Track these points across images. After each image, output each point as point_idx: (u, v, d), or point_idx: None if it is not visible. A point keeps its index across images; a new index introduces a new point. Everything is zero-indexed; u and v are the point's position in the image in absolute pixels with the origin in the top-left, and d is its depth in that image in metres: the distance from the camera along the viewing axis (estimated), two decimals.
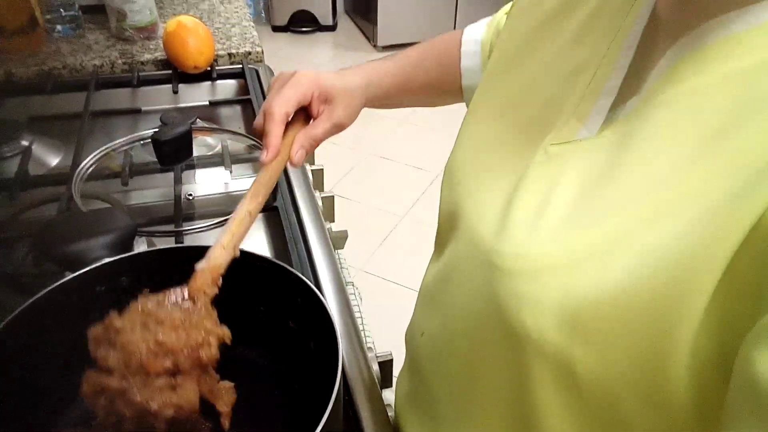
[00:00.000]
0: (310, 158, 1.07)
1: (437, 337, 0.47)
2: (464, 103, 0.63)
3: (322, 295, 0.48)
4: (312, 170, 0.98)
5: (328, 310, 0.45)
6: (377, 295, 1.84)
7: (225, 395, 0.44)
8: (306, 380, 0.52)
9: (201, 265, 0.43)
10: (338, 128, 0.54)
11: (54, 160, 0.90)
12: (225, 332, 0.42)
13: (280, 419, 0.49)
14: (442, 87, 0.63)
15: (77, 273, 0.50)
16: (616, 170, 0.34)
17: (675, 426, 0.31)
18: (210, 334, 0.40)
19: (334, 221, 0.97)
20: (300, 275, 0.48)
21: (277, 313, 0.52)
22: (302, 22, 3.38)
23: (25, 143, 0.88)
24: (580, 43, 0.41)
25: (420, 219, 2.20)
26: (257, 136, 0.51)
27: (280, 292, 0.51)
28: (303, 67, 0.54)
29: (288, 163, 0.50)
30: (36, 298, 0.48)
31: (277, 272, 0.50)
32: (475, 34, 0.61)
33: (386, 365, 0.68)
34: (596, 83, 0.38)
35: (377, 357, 0.67)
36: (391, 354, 0.69)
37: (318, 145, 0.53)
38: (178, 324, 0.40)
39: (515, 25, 0.49)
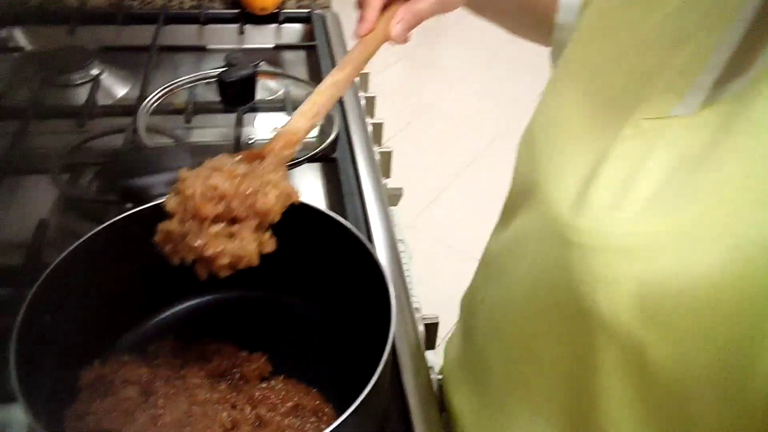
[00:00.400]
0: (370, 110, 1.05)
1: (498, 305, 0.47)
2: (549, 48, 0.58)
3: (375, 252, 0.47)
4: (372, 123, 0.97)
5: (384, 272, 0.44)
6: (422, 254, 1.83)
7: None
8: (354, 335, 0.52)
9: (278, 128, 0.43)
10: (445, 6, 0.48)
11: (121, 91, 0.92)
12: (291, 190, 0.41)
13: (325, 370, 0.49)
14: (535, 13, 0.57)
15: (142, 207, 0.51)
16: (715, 152, 0.32)
17: (749, 428, 0.29)
18: (269, 184, 0.40)
19: (389, 177, 0.96)
20: (356, 232, 0.48)
21: (331, 267, 0.52)
22: None
23: (94, 72, 0.89)
24: (685, 11, 0.38)
25: (471, 181, 2.16)
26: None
27: (334, 247, 0.51)
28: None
29: (388, 41, 0.47)
30: (100, 228, 0.49)
31: (333, 226, 0.50)
32: None
33: (432, 328, 0.68)
34: (699, 57, 0.35)
35: (423, 319, 0.67)
36: (437, 317, 0.68)
37: (420, 22, 0.48)
38: (238, 173, 0.40)
39: None
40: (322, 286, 0.53)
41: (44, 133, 0.78)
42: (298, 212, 0.47)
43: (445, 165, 2.19)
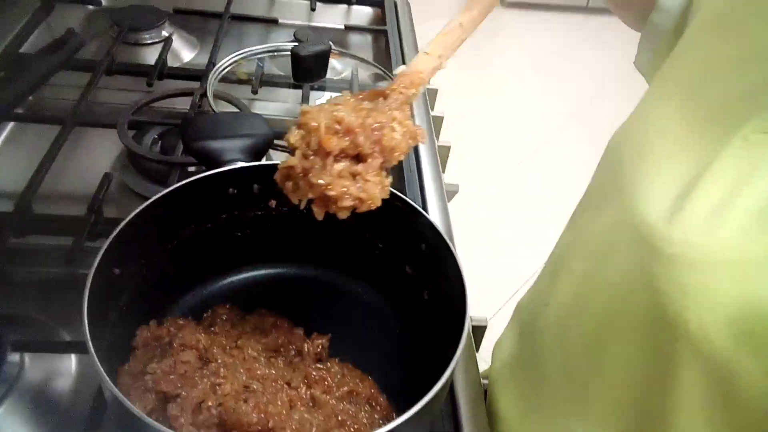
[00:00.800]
0: (431, 102, 1.03)
1: (565, 310, 0.45)
2: (642, 34, 0.53)
3: (452, 246, 0.45)
4: (433, 116, 0.95)
5: (460, 265, 0.43)
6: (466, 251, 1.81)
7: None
8: (411, 327, 0.50)
9: (401, 68, 0.41)
10: None
11: (188, 56, 0.92)
12: (418, 129, 0.39)
13: (381, 359, 0.48)
14: None
15: (213, 172, 0.50)
16: None
17: None
18: (395, 121, 0.38)
19: (445, 172, 0.94)
20: (432, 221, 0.46)
21: (395, 254, 0.51)
22: None
23: (165, 33, 0.89)
24: None
25: (515, 187, 2.12)
26: None
27: (403, 234, 0.49)
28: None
29: None
30: (172, 189, 0.49)
31: (406, 212, 0.48)
32: None
33: (479, 330, 0.66)
34: None
35: (472, 320, 0.65)
36: (486, 321, 0.67)
37: None
38: (363, 109, 0.38)
39: None
40: (385, 272, 0.52)
41: (113, 89, 0.78)
42: None
43: (497, 163, 2.16)
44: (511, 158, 2.22)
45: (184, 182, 0.49)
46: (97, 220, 0.58)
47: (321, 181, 0.36)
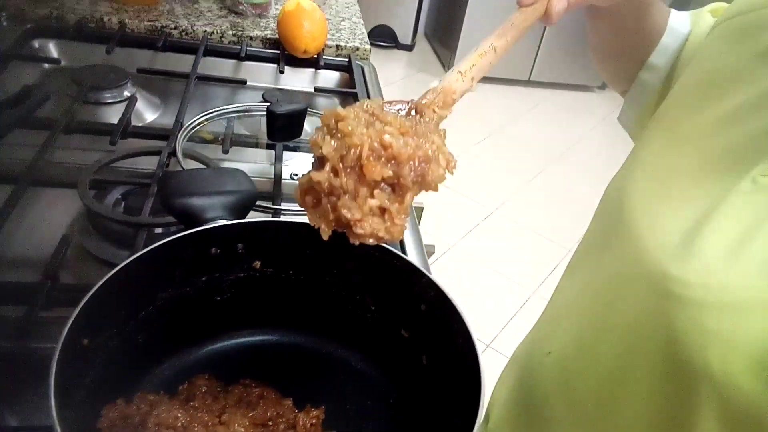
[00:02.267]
0: None
1: (570, 358, 0.44)
2: (629, 92, 0.55)
3: (456, 303, 0.43)
4: None
5: (468, 325, 0.40)
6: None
7: None
8: (408, 395, 0.47)
9: (433, 85, 0.37)
10: None
11: (151, 116, 0.89)
12: (453, 161, 0.34)
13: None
14: (633, 46, 0.53)
15: (197, 230, 0.47)
16: None
17: None
18: (440, 151, 0.33)
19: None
20: (434, 280, 0.44)
21: (390, 316, 0.48)
22: (382, 37, 3.39)
23: (128, 93, 0.86)
24: None
25: (469, 252, 2.14)
26: None
27: (399, 294, 0.47)
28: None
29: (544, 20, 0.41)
30: (154, 247, 0.45)
31: (404, 272, 0.46)
32: (682, 18, 0.53)
33: None
34: None
35: None
36: None
37: (581, 6, 0.43)
38: (407, 130, 0.32)
39: (717, 46, 0.44)
40: (378, 337, 0.48)
41: (72, 148, 0.74)
42: (364, 254, 0.43)
43: (442, 236, 2.18)
44: (465, 226, 2.25)
45: (163, 242, 0.45)
46: (53, 286, 0.52)
47: (349, 215, 0.31)
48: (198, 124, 0.77)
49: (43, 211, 0.66)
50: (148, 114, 0.89)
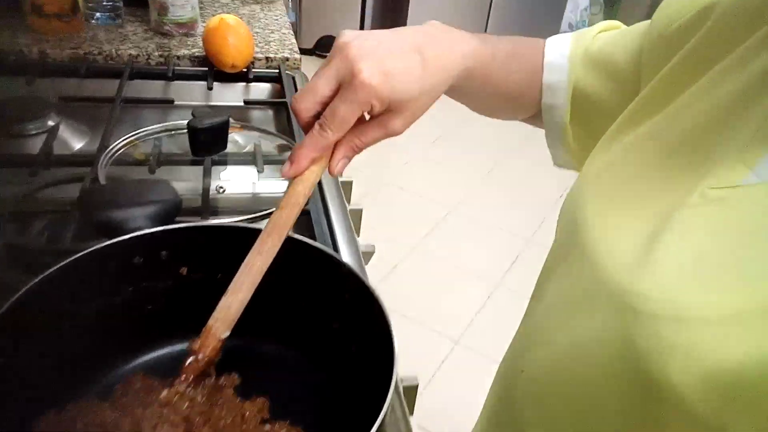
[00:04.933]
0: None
1: (541, 377, 0.43)
2: (541, 128, 0.56)
3: (375, 291, 0.43)
4: (341, 182, 0.95)
5: (383, 307, 0.41)
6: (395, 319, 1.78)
7: None
8: (343, 385, 0.47)
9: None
10: (390, 136, 0.45)
11: (78, 144, 0.87)
12: None
13: (310, 424, 0.44)
14: (520, 97, 0.55)
15: (115, 240, 0.46)
16: None
17: None
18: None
19: (359, 235, 0.94)
20: (352, 268, 0.44)
21: (320, 311, 0.48)
22: (328, 47, 3.40)
23: (51, 123, 0.85)
24: (746, 88, 0.37)
25: (431, 251, 2.16)
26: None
27: (325, 288, 0.47)
28: None
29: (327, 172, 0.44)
30: (71, 260, 0.44)
31: (325, 264, 0.46)
32: (561, 47, 0.53)
33: (410, 391, 0.63)
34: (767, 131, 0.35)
35: (403, 380, 0.62)
36: (416, 379, 0.64)
37: (368, 146, 0.45)
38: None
39: (659, 58, 0.44)
40: (311, 332, 0.49)
41: None
42: (288, 250, 0.44)
43: (403, 237, 2.19)
44: (424, 226, 2.27)
45: (81, 253, 0.45)
46: None
47: None
48: (123, 147, 0.76)
49: None
50: (74, 142, 0.88)
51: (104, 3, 1.09)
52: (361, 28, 3.42)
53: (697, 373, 0.30)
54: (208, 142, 0.70)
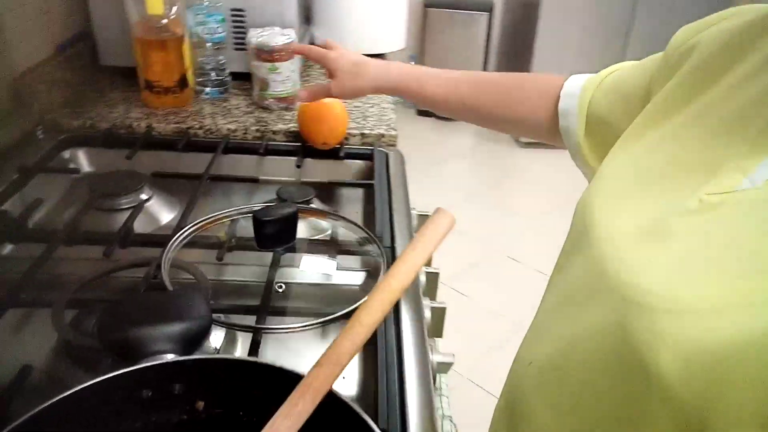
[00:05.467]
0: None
1: (546, 366, 0.46)
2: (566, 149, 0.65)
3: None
4: (426, 272, 0.86)
5: None
6: (478, 409, 1.62)
7: None
8: None
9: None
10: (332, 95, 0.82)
11: (167, 217, 0.87)
12: None
13: None
14: (526, 120, 0.68)
15: (121, 371, 0.41)
16: None
17: None
18: None
19: (441, 336, 0.83)
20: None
21: None
22: None
23: (144, 197, 0.86)
24: (741, 101, 0.41)
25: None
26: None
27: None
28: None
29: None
30: (69, 393, 0.39)
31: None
32: (577, 80, 0.63)
33: None
34: (763, 142, 0.37)
35: None
36: None
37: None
38: None
39: (665, 78, 0.49)
40: None
41: (73, 259, 0.72)
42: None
43: (510, 311, 2.02)
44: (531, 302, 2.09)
45: (83, 385, 0.40)
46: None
47: None
48: (197, 229, 0.74)
49: (15, 334, 0.63)
50: (164, 216, 0.88)
51: (213, 78, 1.13)
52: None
53: (682, 358, 0.32)
54: (274, 235, 0.65)
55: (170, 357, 0.43)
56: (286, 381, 0.41)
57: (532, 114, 0.67)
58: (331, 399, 0.39)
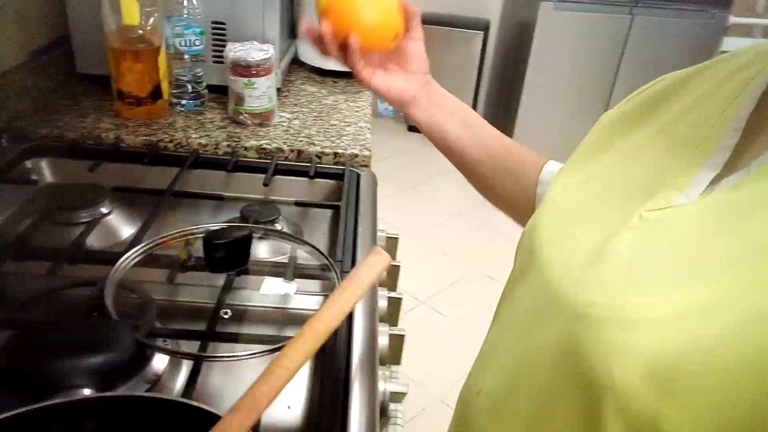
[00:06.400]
0: (392, 282, 0.93)
1: (496, 393, 0.46)
2: None
3: None
4: (389, 297, 0.84)
5: None
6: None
7: None
8: None
9: None
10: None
11: (128, 233, 0.85)
12: None
13: None
14: (510, 198, 0.68)
15: (24, 409, 0.39)
16: (724, 233, 0.34)
17: None
18: None
19: (399, 363, 0.81)
20: None
21: None
22: None
23: (104, 211, 0.84)
24: (683, 126, 0.44)
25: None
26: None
27: None
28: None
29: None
30: None
31: None
32: (553, 168, 0.64)
33: None
34: (699, 157, 0.40)
35: None
36: None
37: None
38: None
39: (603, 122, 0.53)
40: None
41: (18, 275, 0.70)
42: None
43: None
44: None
45: None
46: None
47: None
48: (151, 248, 0.72)
49: None
50: (125, 231, 0.86)
51: (189, 90, 1.11)
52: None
53: (635, 368, 0.32)
54: (225, 258, 0.63)
55: (87, 392, 0.41)
56: (206, 421, 0.39)
57: (515, 199, 0.67)
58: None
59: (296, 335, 0.38)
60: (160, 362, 0.60)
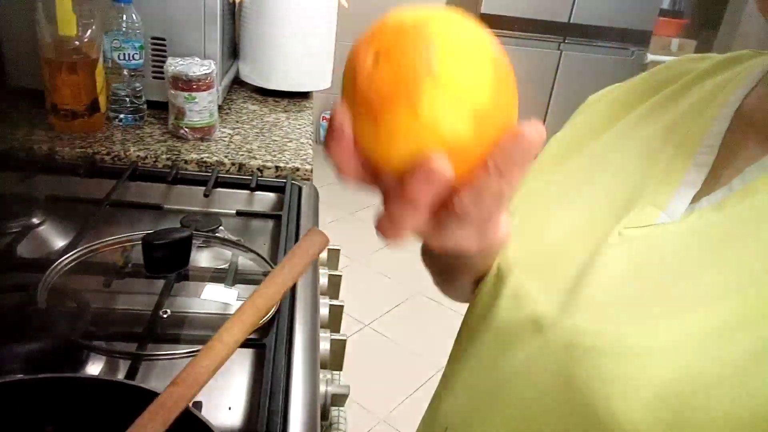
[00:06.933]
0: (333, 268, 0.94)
1: (467, 429, 0.43)
2: None
3: None
4: (330, 305, 0.85)
5: None
6: None
7: None
8: None
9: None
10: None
11: (61, 243, 0.83)
12: None
13: None
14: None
15: None
16: (716, 256, 0.33)
17: None
18: None
19: (341, 369, 0.82)
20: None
21: None
22: None
23: (36, 221, 0.82)
24: (651, 129, 0.43)
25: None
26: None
27: None
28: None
29: None
30: None
31: None
32: None
33: None
34: (673, 175, 0.39)
35: None
36: None
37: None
38: None
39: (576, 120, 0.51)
40: None
41: None
42: None
43: (430, 354, 2.02)
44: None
45: None
46: None
47: None
48: (86, 254, 0.71)
49: None
50: (59, 241, 0.84)
51: (128, 105, 1.10)
52: None
53: (640, 402, 0.31)
54: (165, 260, 0.63)
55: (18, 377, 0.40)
56: (143, 400, 0.39)
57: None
58: (190, 419, 0.38)
59: (236, 310, 0.39)
60: (95, 369, 0.59)
